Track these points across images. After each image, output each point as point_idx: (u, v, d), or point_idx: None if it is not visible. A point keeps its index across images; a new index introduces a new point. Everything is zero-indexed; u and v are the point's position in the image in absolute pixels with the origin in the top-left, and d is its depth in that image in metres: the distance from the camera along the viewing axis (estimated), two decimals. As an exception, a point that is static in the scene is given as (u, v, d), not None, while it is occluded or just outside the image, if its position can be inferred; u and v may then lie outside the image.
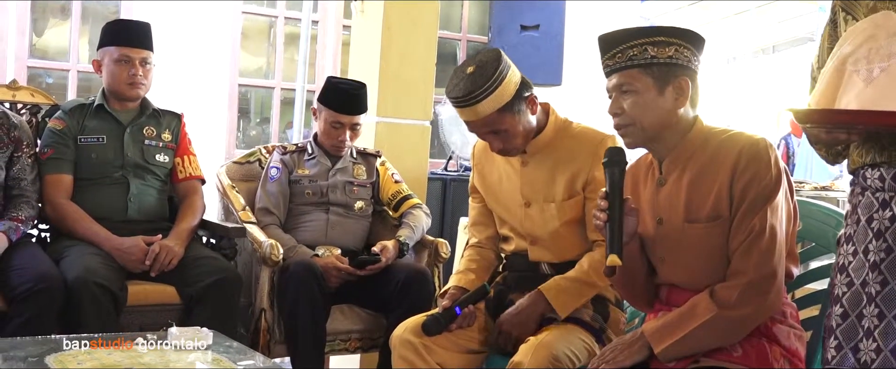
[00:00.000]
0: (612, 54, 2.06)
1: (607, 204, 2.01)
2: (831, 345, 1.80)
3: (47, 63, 6.64)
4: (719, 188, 2.01)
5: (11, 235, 2.84)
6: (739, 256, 1.98)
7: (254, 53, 7.56)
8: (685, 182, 2.07)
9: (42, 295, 2.64)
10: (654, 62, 2.02)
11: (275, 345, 3.15)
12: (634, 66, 2.03)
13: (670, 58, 2.03)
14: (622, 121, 2.06)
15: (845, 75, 1.76)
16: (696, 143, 2.07)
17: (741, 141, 2.02)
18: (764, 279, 1.96)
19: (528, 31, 5.74)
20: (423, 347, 2.46)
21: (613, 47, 2.06)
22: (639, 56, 2.03)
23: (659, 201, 2.11)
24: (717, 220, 2.02)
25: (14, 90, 3.34)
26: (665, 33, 2.04)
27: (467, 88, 2.38)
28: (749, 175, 1.98)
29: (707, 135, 2.08)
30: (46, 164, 3.09)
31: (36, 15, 6.51)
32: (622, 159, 2.06)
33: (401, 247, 3.28)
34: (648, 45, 2.03)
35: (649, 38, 2.03)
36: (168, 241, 3.02)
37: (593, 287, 2.46)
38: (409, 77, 4.37)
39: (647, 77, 2.02)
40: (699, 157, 2.06)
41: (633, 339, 2.05)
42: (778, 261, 1.98)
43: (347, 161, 3.49)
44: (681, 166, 2.08)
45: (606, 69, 2.09)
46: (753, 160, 1.99)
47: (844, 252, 1.84)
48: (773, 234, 1.97)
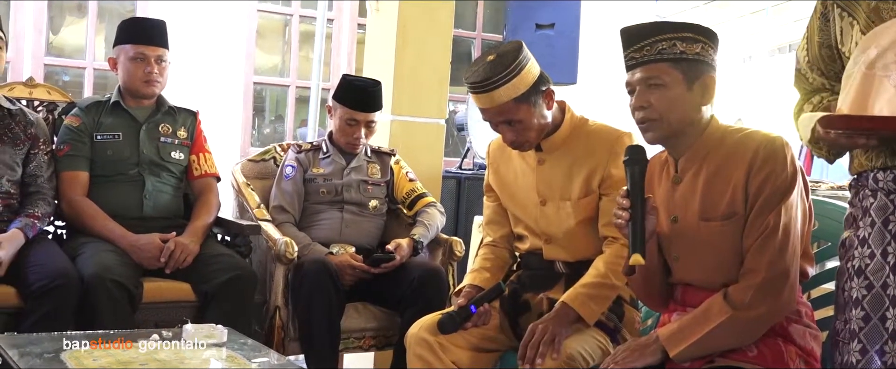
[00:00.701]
0: (639, 47, 2.03)
1: (629, 202, 2.00)
2: (855, 349, 1.77)
3: (64, 61, 6.66)
4: (735, 186, 2.00)
5: (28, 232, 2.85)
6: (753, 254, 1.97)
7: (269, 51, 7.57)
8: (701, 180, 2.06)
9: (58, 292, 2.66)
10: (684, 57, 2.00)
11: (289, 343, 3.16)
12: (664, 60, 2.00)
13: (697, 54, 2.01)
14: (648, 116, 2.02)
15: (875, 81, 1.73)
16: (712, 142, 2.06)
17: (757, 139, 2.01)
18: (777, 278, 1.95)
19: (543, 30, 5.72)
20: (439, 346, 2.45)
21: (640, 40, 2.03)
22: (668, 50, 2.00)
23: (674, 199, 2.10)
24: (733, 218, 2.01)
25: (31, 87, 3.35)
26: (692, 30, 2.03)
27: (486, 74, 2.37)
28: (765, 173, 1.97)
29: (723, 133, 2.07)
30: (63, 161, 3.10)
31: (53, 13, 6.53)
32: (643, 157, 2.05)
33: (415, 245, 3.28)
34: (677, 40, 2.01)
35: (677, 34, 2.01)
36: (183, 239, 3.03)
37: (614, 289, 2.45)
38: (424, 75, 4.37)
39: (676, 72, 2.00)
40: (715, 155, 2.05)
41: (648, 342, 2.04)
42: (791, 260, 1.97)
43: (362, 160, 3.49)
44: (697, 164, 2.07)
45: (631, 62, 2.05)
46: (769, 158, 1.97)
47: (860, 255, 1.81)
48: (787, 233, 1.96)
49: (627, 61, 2.06)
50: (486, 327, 2.54)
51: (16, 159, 2.97)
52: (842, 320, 1.84)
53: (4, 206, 2.93)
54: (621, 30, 2.08)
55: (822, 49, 1.94)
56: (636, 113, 2.05)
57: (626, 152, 2.06)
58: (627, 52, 2.06)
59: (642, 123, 2.05)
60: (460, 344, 2.49)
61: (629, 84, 2.07)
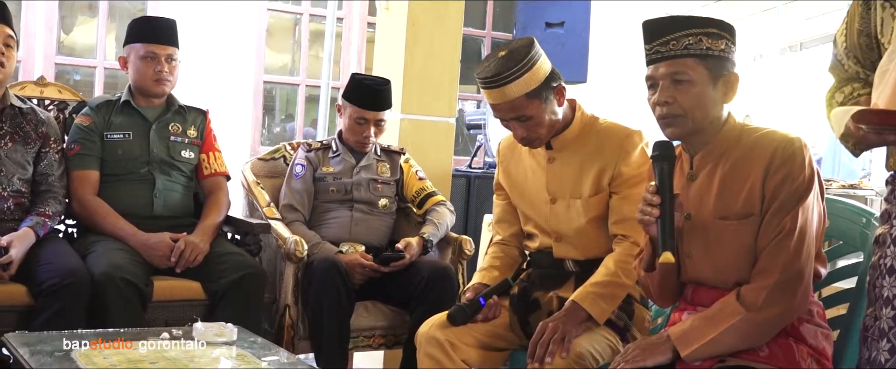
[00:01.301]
0: (665, 41, 1.99)
1: (659, 199, 1.97)
2: (884, 348, 1.76)
3: (75, 60, 6.69)
4: (752, 185, 1.99)
5: (39, 230, 2.86)
6: (767, 255, 1.96)
7: (279, 50, 7.58)
8: (717, 178, 2.04)
9: (69, 290, 2.66)
10: (710, 54, 1.98)
11: (299, 341, 3.16)
12: (690, 56, 1.98)
13: (722, 51, 2.00)
14: (672, 111, 2.00)
15: None
16: (729, 139, 2.04)
17: (776, 139, 1.99)
18: (791, 279, 1.94)
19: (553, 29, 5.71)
20: (449, 344, 2.45)
21: (666, 34, 2.00)
22: (694, 45, 1.98)
23: (689, 196, 2.08)
24: (749, 218, 1.99)
25: (42, 86, 3.36)
26: (717, 26, 2.00)
27: (498, 69, 2.37)
28: (782, 174, 1.95)
29: (740, 131, 2.05)
30: (73, 160, 3.11)
31: (64, 12, 6.56)
32: (671, 153, 2.02)
33: (425, 243, 3.28)
34: (703, 36, 1.98)
35: (703, 29, 1.99)
36: (193, 238, 3.03)
37: (624, 287, 2.44)
38: (434, 74, 4.37)
39: (702, 68, 1.98)
40: (732, 154, 2.03)
41: (659, 341, 2.03)
42: (806, 262, 1.95)
43: (372, 158, 3.49)
44: (713, 161, 2.05)
45: (655, 56, 2.02)
46: (788, 159, 1.96)
47: (893, 253, 1.80)
48: (803, 235, 1.95)
49: (651, 55, 2.03)
50: (495, 325, 2.54)
51: (27, 158, 2.98)
52: (872, 316, 1.83)
53: (16, 205, 2.94)
54: (644, 22, 2.05)
55: (860, 36, 1.91)
56: (659, 108, 2.02)
57: (654, 148, 2.03)
58: (651, 46, 2.02)
59: (665, 119, 2.02)
60: (470, 343, 2.48)
61: (651, 78, 2.03)
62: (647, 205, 1.99)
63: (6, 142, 2.94)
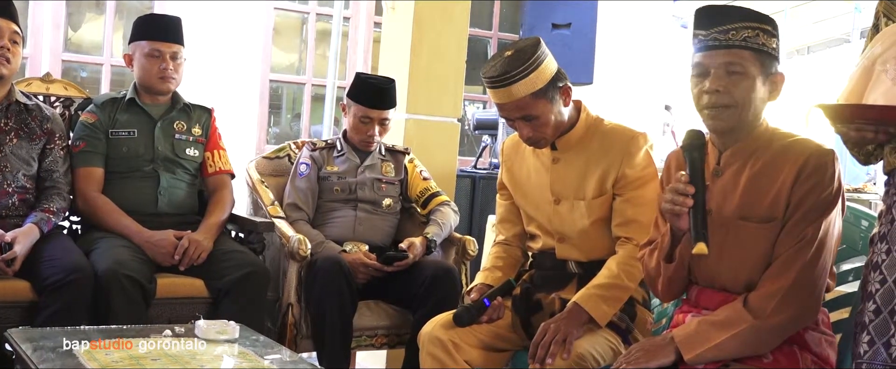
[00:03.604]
0: (725, 29, 1.95)
1: (693, 188, 1.92)
2: (864, 340, 1.78)
3: (82, 57, 6.70)
4: (779, 190, 1.96)
5: (43, 226, 2.87)
6: (782, 262, 1.94)
7: (285, 49, 7.59)
8: (744, 177, 2.01)
9: (72, 287, 2.67)
10: (764, 50, 1.96)
11: (301, 340, 3.16)
12: (748, 48, 1.94)
13: (773, 49, 1.98)
14: (722, 101, 1.95)
15: (874, 75, 1.73)
16: (761, 141, 2.02)
17: (810, 147, 1.97)
18: (802, 288, 1.92)
19: (560, 30, 5.70)
20: (452, 344, 2.45)
21: (726, 22, 1.95)
22: (753, 39, 1.95)
23: (712, 192, 2.02)
24: (771, 222, 1.97)
25: (48, 83, 3.37)
26: (771, 24, 1.98)
27: (504, 68, 2.37)
28: (811, 183, 1.93)
29: (772, 134, 2.03)
30: (78, 157, 3.12)
31: (71, 10, 6.57)
32: (703, 142, 1.97)
33: (428, 243, 3.28)
34: (761, 31, 1.95)
35: (761, 25, 1.96)
36: (197, 235, 3.04)
37: (626, 290, 2.43)
38: (440, 74, 4.37)
39: (757, 63, 1.95)
40: (762, 155, 2.00)
41: (663, 342, 2.01)
42: (820, 273, 1.94)
43: (376, 158, 3.49)
44: (742, 160, 2.03)
45: (712, 42, 1.96)
46: (819, 169, 1.94)
47: (878, 250, 1.82)
48: (822, 247, 1.93)
49: (709, 41, 1.97)
50: (498, 326, 2.54)
51: (32, 154, 2.99)
52: (860, 311, 1.84)
53: (20, 201, 2.95)
54: (703, 8, 1.99)
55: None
56: (707, 96, 1.96)
57: (685, 137, 1.99)
58: (709, 32, 1.97)
59: (713, 108, 1.97)
60: (472, 343, 2.48)
61: (702, 65, 1.98)
62: (678, 195, 1.93)
63: (11, 138, 2.95)
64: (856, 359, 1.81)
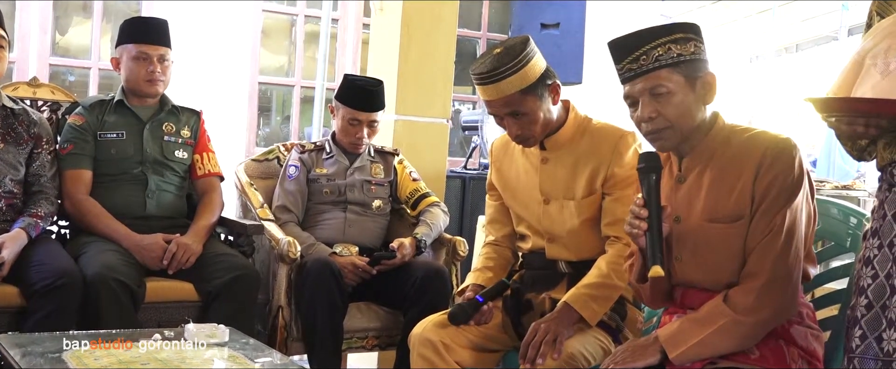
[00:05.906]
0: (635, 58, 1.99)
1: (647, 212, 1.97)
2: (856, 335, 1.79)
3: (69, 61, 6.68)
4: (742, 188, 1.98)
5: (31, 231, 2.85)
6: (755, 256, 1.96)
7: (274, 51, 7.58)
8: (706, 180, 2.04)
9: (61, 291, 2.66)
10: (682, 60, 1.98)
11: (292, 343, 3.15)
12: (663, 66, 1.97)
13: (693, 54, 1.99)
14: (658, 126, 1.99)
15: (863, 68, 1.75)
16: (717, 141, 2.04)
17: (766, 140, 1.99)
18: (779, 280, 1.94)
19: (549, 30, 5.71)
20: (442, 345, 2.45)
21: (634, 50, 2.00)
22: (664, 56, 1.97)
23: (677, 199, 2.08)
24: (739, 221, 1.99)
25: (35, 87, 3.35)
26: (681, 29, 2.01)
27: (493, 65, 2.37)
28: (772, 174, 1.95)
29: (729, 133, 2.05)
30: (66, 160, 3.10)
31: (58, 13, 6.55)
32: (657, 164, 2.01)
33: (418, 244, 3.28)
34: (671, 44, 1.98)
35: (670, 37, 1.99)
36: (186, 239, 3.03)
37: (616, 289, 2.44)
38: (428, 75, 4.36)
39: (678, 75, 1.97)
40: (721, 156, 2.03)
41: (648, 343, 2.03)
42: (794, 262, 1.96)
43: (365, 160, 3.49)
44: (702, 164, 2.05)
45: (628, 73, 2.02)
46: (777, 159, 1.96)
47: (870, 245, 1.82)
48: (791, 235, 1.95)
49: (624, 73, 2.03)
50: (488, 327, 2.54)
51: (19, 159, 2.98)
52: (852, 306, 1.85)
53: (8, 206, 2.93)
54: (610, 43, 2.05)
55: None
56: (644, 124, 2.01)
57: (640, 159, 2.03)
58: (622, 65, 2.03)
59: (652, 134, 2.01)
60: (463, 344, 2.49)
61: (629, 96, 2.03)
62: (635, 219, 1.99)
63: (-2, 142, 2.93)
64: (848, 354, 1.82)
